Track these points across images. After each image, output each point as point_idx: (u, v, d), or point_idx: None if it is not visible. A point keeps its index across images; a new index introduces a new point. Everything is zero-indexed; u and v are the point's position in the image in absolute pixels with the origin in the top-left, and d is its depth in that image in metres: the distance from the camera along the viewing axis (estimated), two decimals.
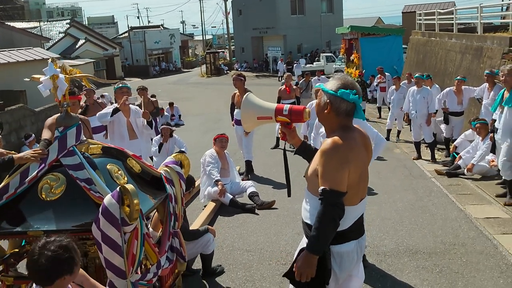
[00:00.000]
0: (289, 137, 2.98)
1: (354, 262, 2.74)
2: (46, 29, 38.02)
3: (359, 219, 2.77)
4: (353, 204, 2.67)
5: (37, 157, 3.24)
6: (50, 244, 2.35)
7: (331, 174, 2.54)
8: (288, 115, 2.88)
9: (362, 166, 2.69)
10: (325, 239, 2.56)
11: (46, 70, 3.28)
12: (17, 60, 18.16)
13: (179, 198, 3.85)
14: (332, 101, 2.67)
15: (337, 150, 2.56)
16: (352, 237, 2.72)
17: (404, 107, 10.17)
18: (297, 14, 40.37)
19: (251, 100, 2.99)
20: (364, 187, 2.77)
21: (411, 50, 17.95)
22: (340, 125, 2.69)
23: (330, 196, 2.51)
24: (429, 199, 6.90)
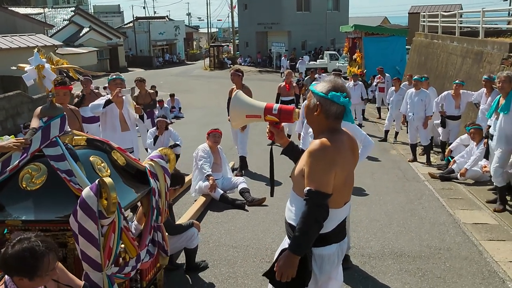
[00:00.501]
0: (277, 137, 2.98)
1: (334, 265, 2.75)
2: (50, 16, 38.00)
3: (342, 222, 2.77)
4: (338, 207, 2.67)
5: (20, 146, 3.25)
6: (26, 241, 2.38)
7: (317, 175, 2.54)
8: (277, 114, 2.87)
9: (348, 169, 2.69)
10: (308, 240, 2.55)
11: (32, 59, 3.27)
12: (19, 46, 18.20)
13: (163, 192, 3.84)
14: (322, 103, 2.66)
15: (324, 152, 2.56)
16: (334, 240, 2.72)
17: (401, 109, 10.14)
18: (303, 10, 40.25)
19: (241, 98, 2.99)
20: (349, 190, 2.77)
21: (413, 52, 17.89)
22: (329, 127, 2.68)
23: (316, 197, 2.51)
24: (420, 202, 6.90)
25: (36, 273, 2.34)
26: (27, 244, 2.35)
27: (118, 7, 63.02)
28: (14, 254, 2.33)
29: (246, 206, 6.64)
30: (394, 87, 12.18)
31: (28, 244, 2.35)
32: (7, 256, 2.33)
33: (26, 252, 2.33)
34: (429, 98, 9.39)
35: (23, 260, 2.32)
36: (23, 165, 3.22)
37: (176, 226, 4.66)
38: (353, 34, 22.27)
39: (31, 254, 2.34)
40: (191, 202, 6.76)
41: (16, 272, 2.34)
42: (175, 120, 15.93)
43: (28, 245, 2.34)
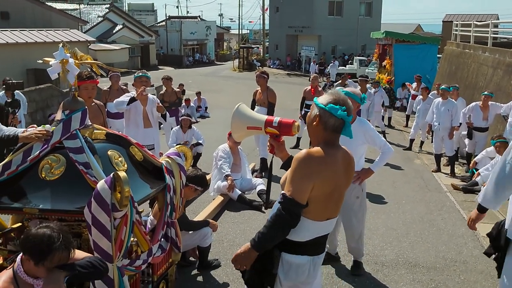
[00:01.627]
0: (277, 150, 2.99)
1: (303, 277, 2.72)
2: (85, 12, 38.82)
3: (321, 237, 2.75)
4: (317, 220, 2.66)
5: (41, 137, 3.35)
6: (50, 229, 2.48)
7: (295, 183, 2.56)
8: (277, 127, 2.88)
9: (334, 185, 2.65)
10: (269, 241, 2.60)
11: (56, 54, 3.38)
12: (53, 40, 18.70)
13: (178, 189, 3.91)
14: (321, 114, 2.67)
15: (307, 161, 2.57)
16: (307, 252, 2.71)
17: (427, 118, 10.01)
18: (334, 15, 40.06)
19: (242, 110, 3.03)
20: (335, 206, 2.75)
21: (444, 61, 17.61)
22: (325, 139, 2.69)
23: (288, 203, 2.53)
24: (440, 213, 6.80)
25: (43, 261, 2.42)
26: (50, 232, 2.45)
27: (152, 5, 63.91)
28: (34, 235, 2.45)
29: (263, 208, 6.67)
30: (422, 96, 12.02)
31: (51, 233, 2.45)
32: (28, 235, 2.46)
33: (44, 238, 2.43)
34: (456, 109, 9.24)
35: (37, 243, 2.42)
36: (43, 155, 3.33)
37: (190, 222, 4.73)
38: (384, 41, 22.04)
39: (48, 242, 2.43)
40: (209, 201, 6.82)
41: (28, 250, 2.44)
42: (200, 119, 16.07)
43: (51, 234, 2.45)
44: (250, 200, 6.81)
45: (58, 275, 2.51)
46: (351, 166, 2.83)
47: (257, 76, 8.75)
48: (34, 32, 19.60)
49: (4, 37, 18.22)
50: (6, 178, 3.27)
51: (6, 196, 3.22)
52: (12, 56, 17.93)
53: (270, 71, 12.10)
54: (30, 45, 18.57)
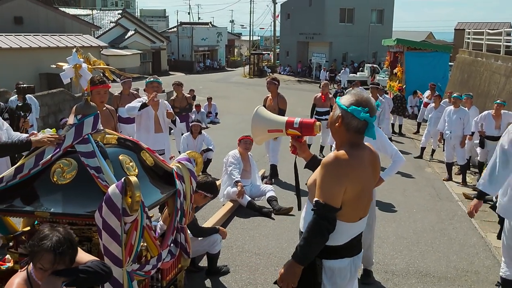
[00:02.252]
0: (300, 151, 3.00)
1: (346, 279, 2.72)
2: (98, 17, 39.19)
3: (356, 237, 2.74)
4: (351, 221, 2.65)
5: (53, 142, 3.38)
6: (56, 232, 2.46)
7: (327, 188, 2.53)
8: (298, 128, 2.89)
9: (364, 185, 2.64)
10: (311, 251, 2.56)
11: (70, 59, 3.41)
12: (66, 45, 18.88)
13: (188, 194, 3.91)
14: (344, 116, 2.64)
15: (337, 166, 2.55)
16: (347, 254, 2.70)
17: (439, 126, 9.94)
18: (346, 22, 40.02)
19: (261, 113, 3.02)
20: (365, 206, 2.74)
21: (456, 69, 17.51)
22: (349, 141, 2.67)
23: (323, 209, 2.51)
24: (451, 223, 6.73)
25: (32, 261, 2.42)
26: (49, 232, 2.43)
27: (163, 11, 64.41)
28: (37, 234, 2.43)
29: (272, 214, 6.65)
30: (434, 103, 11.95)
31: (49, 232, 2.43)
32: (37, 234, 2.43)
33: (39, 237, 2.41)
34: (468, 117, 9.18)
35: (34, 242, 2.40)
36: (55, 159, 3.35)
37: (200, 229, 4.72)
38: (395, 48, 21.98)
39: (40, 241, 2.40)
40: (219, 207, 6.82)
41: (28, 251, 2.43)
42: (210, 125, 16.11)
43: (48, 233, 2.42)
44: (259, 206, 6.79)
45: (54, 280, 2.45)
46: (377, 163, 2.82)
47: (268, 82, 8.76)
48: (47, 37, 19.81)
49: (17, 42, 18.44)
50: (18, 181, 3.29)
51: (18, 199, 3.25)
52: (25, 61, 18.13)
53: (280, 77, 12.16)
54: (43, 50, 18.77)
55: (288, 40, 44.31)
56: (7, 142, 3.67)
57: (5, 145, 3.64)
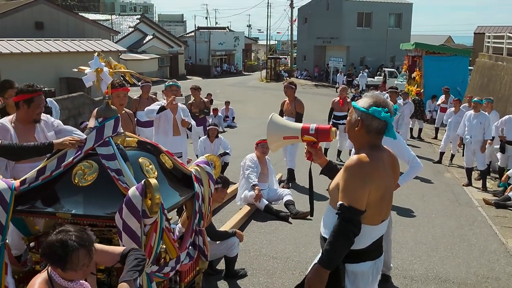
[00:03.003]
0: (315, 157, 3.00)
1: (368, 282, 2.71)
2: (117, 23, 39.65)
3: (378, 239, 2.73)
4: (373, 224, 2.64)
5: (75, 144, 3.43)
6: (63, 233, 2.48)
7: (351, 191, 2.53)
8: (314, 134, 2.89)
9: (386, 187, 2.65)
10: (337, 255, 2.55)
11: (92, 63, 3.46)
12: (86, 50, 19.15)
13: (206, 197, 3.93)
14: (363, 118, 2.65)
15: (360, 168, 2.55)
16: (369, 257, 2.69)
17: (458, 131, 9.83)
18: (363, 26, 39.87)
19: (276, 120, 3.03)
20: (387, 208, 2.74)
21: (476, 73, 17.30)
22: (370, 143, 2.67)
23: (348, 213, 2.50)
24: (471, 228, 6.64)
25: (65, 265, 2.42)
26: (62, 236, 2.45)
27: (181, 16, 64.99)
28: (48, 242, 2.45)
29: (290, 218, 6.63)
30: (454, 108, 11.81)
31: (62, 236, 2.44)
32: (44, 244, 2.47)
33: (58, 243, 2.41)
34: (488, 121, 9.06)
35: (53, 250, 2.41)
36: (77, 162, 3.40)
37: (218, 232, 4.74)
38: (414, 52, 21.79)
39: (61, 246, 2.41)
40: (236, 210, 6.83)
41: (49, 260, 2.46)
42: (227, 129, 16.16)
43: (62, 238, 2.43)
44: (277, 210, 6.79)
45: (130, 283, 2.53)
46: (397, 165, 2.83)
47: (285, 86, 8.77)
48: (67, 41, 20.12)
49: (38, 47, 18.75)
50: (41, 183, 3.35)
51: (40, 200, 3.30)
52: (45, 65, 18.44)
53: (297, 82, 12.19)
54: (63, 54, 19.07)
55: (305, 45, 44.28)
56: (29, 145, 3.74)
57: (28, 148, 3.71)
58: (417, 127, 14.80)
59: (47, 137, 4.27)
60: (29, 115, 4.22)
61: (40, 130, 4.33)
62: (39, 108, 4.25)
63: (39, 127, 4.34)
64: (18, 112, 4.23)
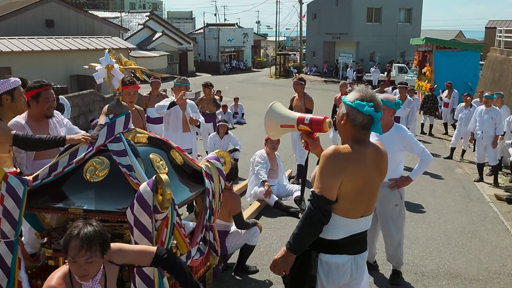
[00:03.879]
0: (312, 147, 3.02)
1: (345, 277, 2.70)
2: (126, 20, 39.79)
3: (357, 235, 2.72)
4: (349, 217, 2.65)
5: (87, 140, 3.45)
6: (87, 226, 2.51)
7: (323, 180, 2.58)
8: (309, 124, 2.93)
9: (364, 181, 2.64)
10: (304, 240, 2.61)
11: (102, 59, 3.48)
12: (96, 47, 19.24)
13: (216, 193, 3.95)
14: (349, 112, 2.69)
15: (335, 158, 2.59)
16: (345, 251, 2.69)
17: (469, 126, 9.76)
18: (373, 22, 39.57)
19: (275, 109, 3.09)
20: (367, 204, 2.72)
21: (487, 68, 17.14)
22: (354, 137, 2.70)
23: (318, 201, 2.55)
24: (482, 224, 6.60)
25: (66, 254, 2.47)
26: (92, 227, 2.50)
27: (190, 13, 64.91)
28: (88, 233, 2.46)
29: (299, 214, 6.64)
30: (464, 103, 11.72)
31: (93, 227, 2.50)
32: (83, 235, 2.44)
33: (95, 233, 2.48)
34: (500, 117, 8.98)
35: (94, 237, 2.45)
36: (88, 158, 3.42)
37: (246, 222, 4.79)
38: (424, 47, 21.63)
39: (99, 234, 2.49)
40: (246, 206, 6.84)
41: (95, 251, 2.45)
42: (237, 126, 16.17)
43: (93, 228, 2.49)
44: (286, 206, 6.79)
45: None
46: (384, 160, 2.80)
47: (295, 82, 8.75)
48: (77, 39, 20.22)
49: (49, 44, 18.87)
50: (53, 179, 3.37)
51: (52, 196, 3.33)
52: (56, 63, 18.55)
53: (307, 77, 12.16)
54: (73, 52, 19.17)
55: (314, 40, 44.12)
56: (42, 137, 3.76)
57: (41, 140, 3.73)
58: (428, 123, 14.70)
59: (59, 133, 4.32)
60: (39, 111, 4.26)
61: (53, 126, 4.38)
62: (48, 102, 4.28)
63: (52, 123, 4.39)
64: (29, 110, 4.27)
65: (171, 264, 2.85)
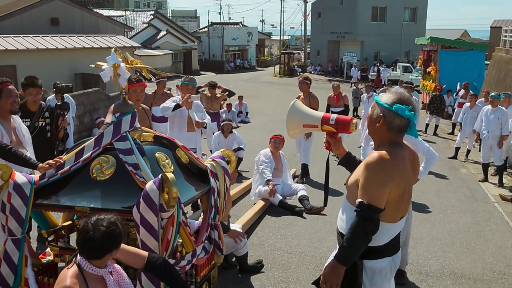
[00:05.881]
0: (334, 147, 2.97)
1: (386, 278, 2.70)
2: (131, 18, 39.78)
3: (396, 236, 2.72)
4: (393, 222, 2.62)
5: (54, 166, 3.44)
6: (101, 220, 2.54)
7: (371, 189, 2.50)
8: (334, 125, 2.87)
9: (406, 184, 2.61)
10: (354, 251, 2.54)
11: (109, 58, 3.50)
12: (100, 46, 19.28)
13: (221, 192, 3.96)
14: (386, 115, 2.60)
15: (381, 166, 2.51)
16: (387, 254, 2.68)
17: (475, 126, 9.74)
18: (378, 21, 39.46)
19: (298, 107, 3.02)
20: (406, 205, 2.70)
21: (492, 68, 17.08)
22: (390, 140, 2.63)
23: (367, 211, 2.48)
24: (487, 224, 6.59)
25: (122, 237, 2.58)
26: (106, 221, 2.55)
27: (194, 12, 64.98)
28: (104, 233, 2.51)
29: (304, 213, 6.64)
30: (469, 103, 11.68)
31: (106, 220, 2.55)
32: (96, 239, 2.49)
33: (111, 225, 2.54)
34: (506, 117, 8.95)
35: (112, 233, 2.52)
36: (94, 156, 3.44)
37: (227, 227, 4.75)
38: (429, 47, 21.57)
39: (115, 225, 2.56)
40: (250, 205, 6.85)
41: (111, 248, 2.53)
42: (241, 125, 16.18)
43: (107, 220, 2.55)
44: (291, 205, 6.79)
45: None
46: (417, 162, 2.79)
47: (300, 82, 8.76)
48: (82, 37, 20.27)
49: (54, 43, 18.91)
50: (60, 177, 3.40)
51: (58, 194, 3.36)
52: (61, 61, 18.59)
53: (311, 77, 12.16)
54: (78, 50, 19.21)
55: (318, 39, 44.06)
56: (18, 153, 3.88)
57: (16, 155, 3.86)
58: (434, 124, 14.66)
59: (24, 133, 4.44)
60: (3, 107, 4.30)
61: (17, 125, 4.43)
62: (11, 97, 4.32)
63: (16, 121, 4.43)
64: None
65: (164, 271, 2.87)
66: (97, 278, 2.55)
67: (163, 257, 3.00)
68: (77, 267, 2.52)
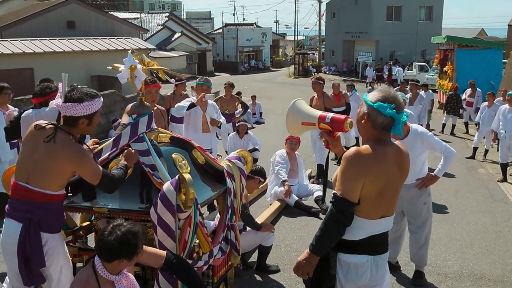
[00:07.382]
0: (332, 146, 3.01)
1: (365, 277, 2.69)
2: (146, 21, 40.08)
3: (378, 236, 2.71)
4: (370, 218, 2.64)
5: None
6: (122, 226, 2.56)
7: (345, 182, 2.57)
8: (329, 123, 2.93)
9: (385, 182, 2.62)
10: (327, 242, 2.61)
11: (126, 60, 3.52)
12: (116, 48, 19.42)
13: (238, 192, 3.97)
14: (370, 112, 2.66)
15: (357, 160, 2.58)
16: (365, 251, 2.68)
17: (493, 125, 9.60)
18: (393, 20, 39.20)
19: (297, 106, 3.09)
20: (388, 205, 2.70)
21: (510, 66, 16.85)
22: (375, 137, 2.67)
23: (340, 203, 2.55)
24: (507, 225, 6.49)
25: (137, 252, 2.57)
26: (126, 227, 2.56)
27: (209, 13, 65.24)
28: (117, 237, 2.52)
29: (320, 214, 6.61)
30: (487, 102, 11.52)
31: (127, 227, 2.56)
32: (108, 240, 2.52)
33: (128, 234, 2.54)
34: None
35: (126, 240, 2.52)
36: (112, 157, 3.47)
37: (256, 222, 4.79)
38: (445, 46, 21.34)
39: (132, 235, 2.55)
40: (266, 206, 6.85)
41: (119, 255, 2.53)
42: (256, 125, 16.18)
43: (128, 228, 2.56)
44: (307, 206, 6.77)
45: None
46: (405, 161, 2.77)
47: (313, 82, 8.73)
48: (98, 40, 20.45)
49: (70, 45, 19.12)
50: (78, 178, 3.42)
51: (77, 195, 3.40)
52: (77, 63, 18.78)
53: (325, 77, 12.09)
54: (94, 52, 19.39)
55: (333, 39, 43.91)
56: None
57: None
58: (451, 123, 14.49)
59: None
60: None
61: None
62: None
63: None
64: None
65: (182, 270, 2.89)
66: (109, 283, 2.57)
67: (181, 257, 3.02)
68: (92, 268, 2.55)
